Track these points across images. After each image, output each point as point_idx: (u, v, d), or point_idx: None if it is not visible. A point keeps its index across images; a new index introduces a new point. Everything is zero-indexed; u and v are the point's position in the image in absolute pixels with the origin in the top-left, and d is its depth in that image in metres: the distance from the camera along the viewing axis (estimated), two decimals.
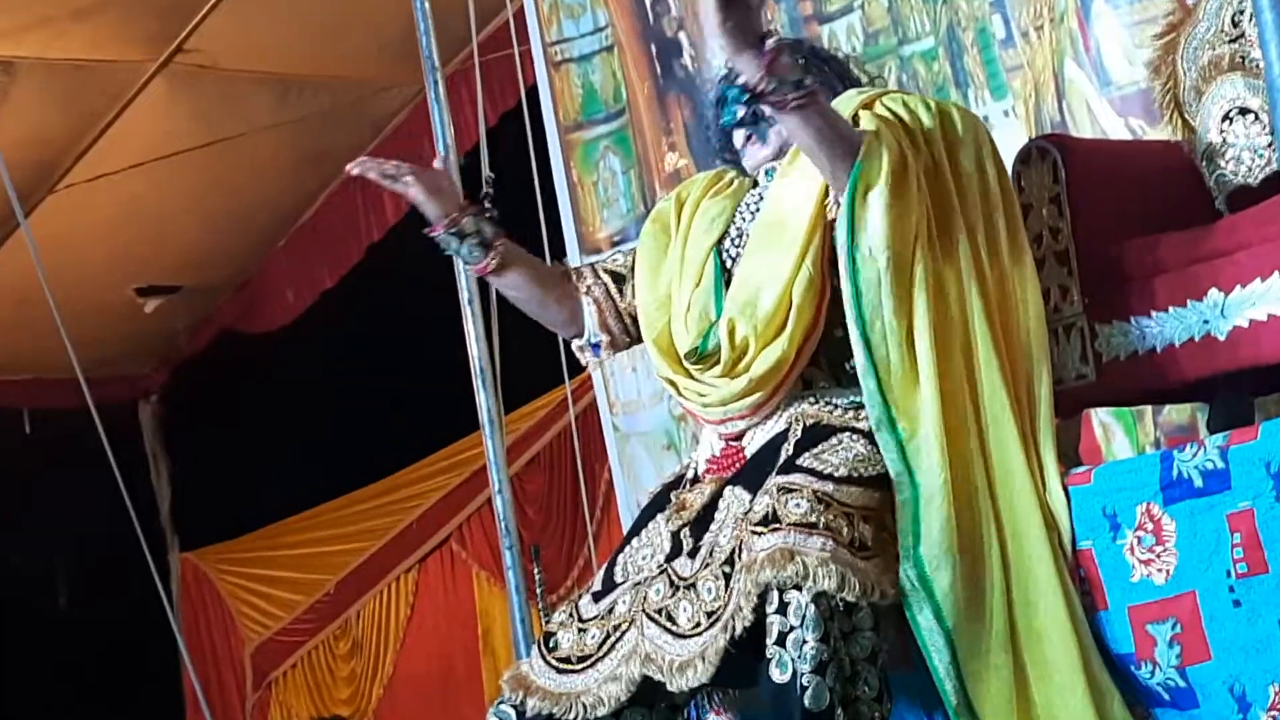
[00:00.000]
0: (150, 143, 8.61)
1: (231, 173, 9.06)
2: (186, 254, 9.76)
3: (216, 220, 9.58)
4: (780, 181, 3.93)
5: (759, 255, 3.86)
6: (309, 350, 9.91)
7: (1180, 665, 3.54)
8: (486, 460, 5.58)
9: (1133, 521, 3.60)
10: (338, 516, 10.10)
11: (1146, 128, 4.87)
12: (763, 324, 3.79)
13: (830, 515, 3.55)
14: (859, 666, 3.55)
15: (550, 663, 3.84)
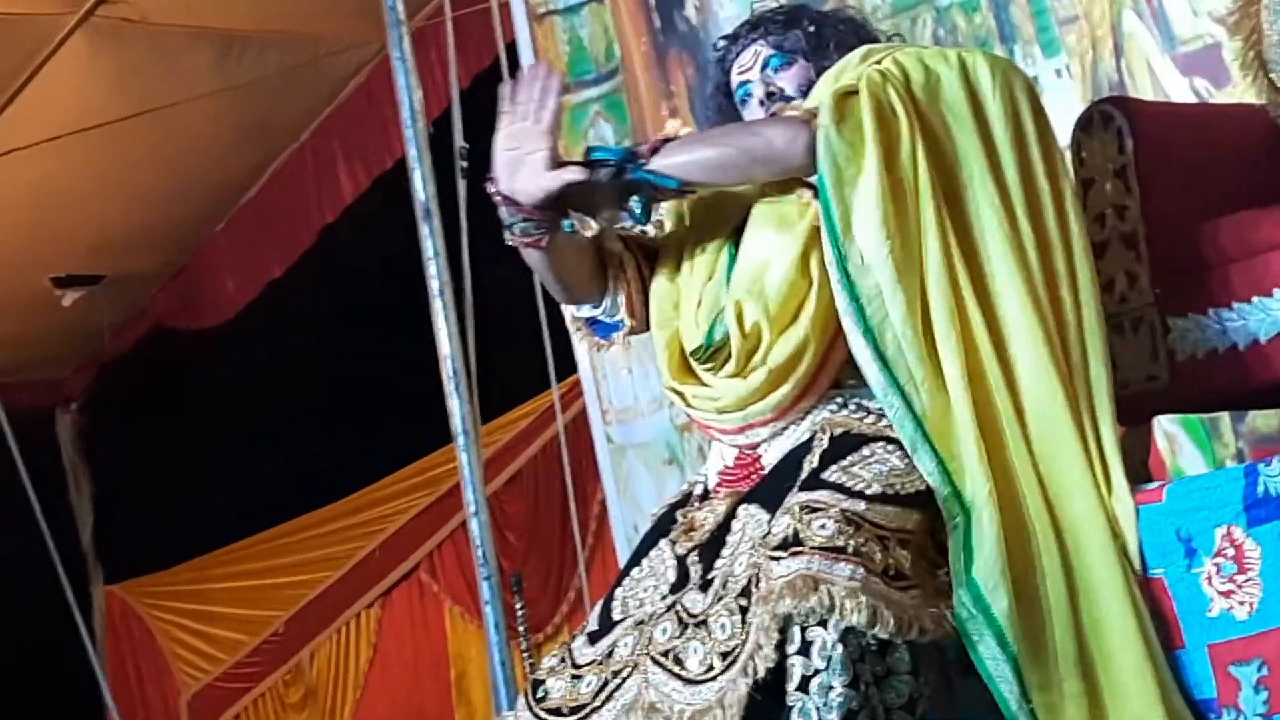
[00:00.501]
0: (69, 111, 8.63)
1: (164, 145, 9.08)
2: (111, 239, 9.77)
3: (146, 200, 9.59)
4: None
5: (763, 230, 3.84)
6: (254, 349, 9.92)
7: (1268, 714, 3.55)
8: (460, 477, 5.60)
9: (1211, 547, 3.61)
10: (288, 543, 10.13)
11: (1213, 89, 4.91)
12: (775, 303, 3.75)
13: (861, 539, 3.54)
14: (894, 716, 3.56)
15: (538, 715, 3.84)
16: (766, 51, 3.98)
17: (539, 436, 8.39)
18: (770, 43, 3.99)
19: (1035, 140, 3.86)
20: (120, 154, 8.99)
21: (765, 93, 3.97)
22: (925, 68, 3.82)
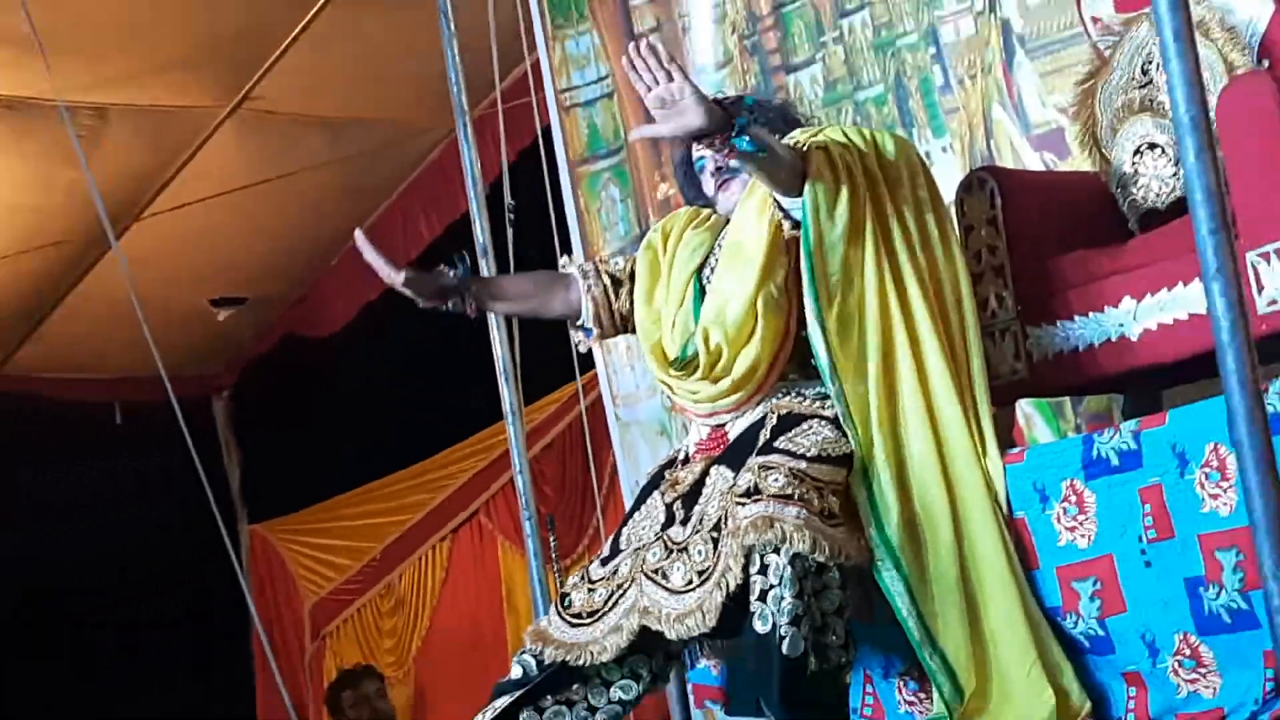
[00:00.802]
0: (222, 176, 8.62)
1: (290, 202, 9.06)
2: (253, 271, 9.76)
3: (278, 242, 9.58)
4: (741, 210, 3.94)
5: (726, 273, 3.87)
6: (356, 352, 9.92)
7: (1100, 617, 3.55)
8: (509, 446, 5.59)
9: (1059, 494, 3.61)
10: (383, 493, 10.09)
11: (1057, 161, 4.90)
12: (733, 330, 3.79)
13: (804, 488, 3.56)
14: (828, 619, 3.56)
15: (565, 618, 3.86)
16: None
17: (566, 416, 8.37)
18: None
19: (927, 196, 3.88)
20: (259, 210, 8.98)
21: (715, 167, 4.00)
22: (851, 140, 3.84)
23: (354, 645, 10.31)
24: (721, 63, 5.98)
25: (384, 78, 8.23)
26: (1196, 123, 2.70)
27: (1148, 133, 4.12)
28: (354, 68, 8.16)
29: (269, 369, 10.68)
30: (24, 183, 8.21)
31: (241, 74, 8.03)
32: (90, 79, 7.59)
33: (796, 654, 3.49)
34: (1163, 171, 4.07)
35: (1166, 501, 3.41)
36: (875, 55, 5.55)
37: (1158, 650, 3.47)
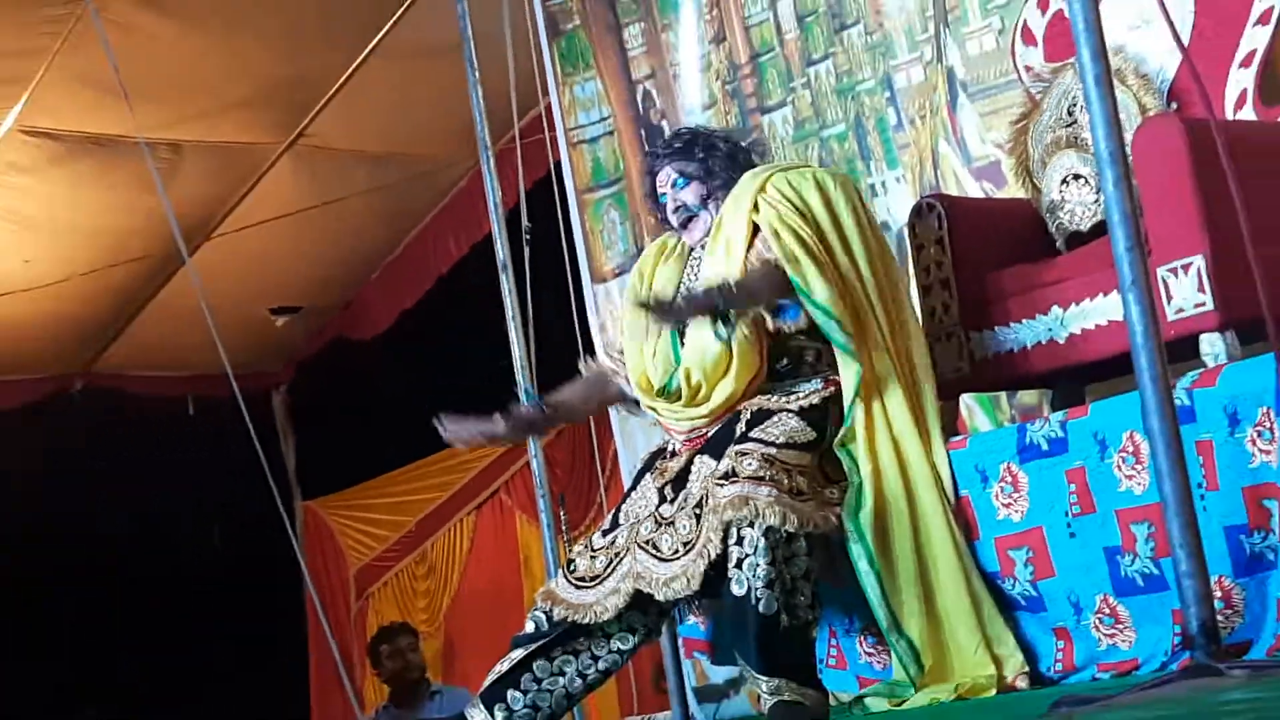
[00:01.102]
0: (280, 202, 8.61)
1: (338, 225, 9.04)
2: (306, 283, 9.75)
3: (327, 259, 9.57)
4: (709, 260, 3.93)
5: (701, 320, 3.84)
6: (395, 352, 9.91)
7: (1033, 580, 3.56)
8: None
9: (997, 475, 3.62)
10: (418, 474, 10.07)
11: (995, 189, 4.89)
12: (711, 370, 3.80)
13: (774, 470, 3.57)
14: (797, 583, 3.57)
15: (571, 581, 3.87)
16: (674, 175, 4.02)
17: None
18: (675, 167, 4.02)
19: (867, 223, 3.91)
20: (311, 231, 8.97)
21: (674, 206, 4.01)
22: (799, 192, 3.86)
23: (392, 605, 10.31)
24: (707, 104, 5.98)
25: (418, 118, 8.24)
26: (1115, 156, 2.70)
27: (1073, 165, 4.12)
28: (392, 109, 8.16)
29: (319, 368, 10.67)
30: (110, 208, 8.20)
31: (297, 114, 8.03)
32: (167, 118, 7.59)
33: (770, 612, 3.50)
34: (1085, 199, 4.07)
35: (1089, 481, 3.42)
36: (838, 98, 5.54)
37: (1081, 609, 3.47)
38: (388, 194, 8.85)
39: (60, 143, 7.69)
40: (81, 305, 9.06)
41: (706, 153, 3.99)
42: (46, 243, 8.37)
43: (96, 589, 9.69)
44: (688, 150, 4.01)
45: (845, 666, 3.98)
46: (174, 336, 9.20)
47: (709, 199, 3.98)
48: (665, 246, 4.14)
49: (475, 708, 3.91)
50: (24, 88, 7.16)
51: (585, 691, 3.92)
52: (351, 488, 10.68)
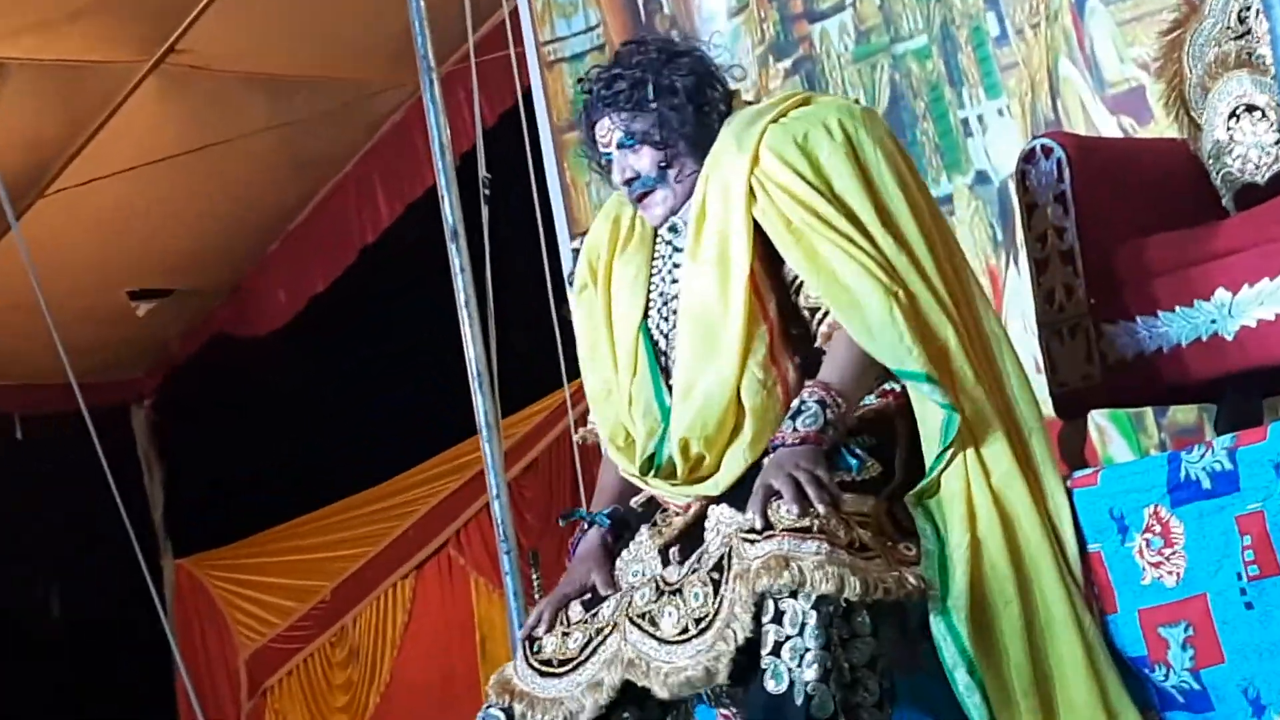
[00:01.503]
0: (142, 145, 8.62)
1: (224, 176, 9.07)
2: (179, 257, 9.76)
3: (209, 223, 9.59)
4: (692, 266, 3.79)
5: (696, 364, 3.75)
6: (303, 353, 9.93)
7: (1194, 669, 3.54)
8: (484, 465, 5.57)
9: (1141, 524, 3.59)
10: (334, 522, 10.11)
11: (1137, 126, 4.90)
12: (715, 434, 3.71)
13: (826, 518, 3.53)
14: (859, 673, 3.53)
15: (533, 665, 3.83)
16: (618, 132, 3.83)
17: (553, 429, 8.37)
18: (620, 121, 3.83)
19: (915, 185, 3.85)
20: (187, 184, 8.98)
21: (623, 176, 3.86)
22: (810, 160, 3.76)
23: (299, 703, 10.34)
24: (735, 9, 5.98)
25: (336, 28, 8.26)
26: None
27: (1245, 92, 4.11)
28: (300, 16, 8.17)
29: (198, 373, 10.69)
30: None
31: (165, 23, 8.04)
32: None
33: (825, 716, 3.48)
34: (1264, 139, 4.06)
35: (1270, 531, 3.40)
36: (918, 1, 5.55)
37: (1264, 707, 3.46)
38: (292, 133, 8.88)
39: None
40: None
41: (661, 97, 3.85)
42: None
43: None
44: (636, 94, 3.88)
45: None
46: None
47: (669, 165, 3.86)
48: (618, 224, 4.00)
49: None
50: None
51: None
52: (241, 541, 10.71)
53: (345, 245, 9.56)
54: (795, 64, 5.81)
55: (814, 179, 3.71)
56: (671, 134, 3.81)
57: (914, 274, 3.71)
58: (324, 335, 9.73)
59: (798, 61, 5.81)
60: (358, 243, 9.49)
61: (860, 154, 3.76)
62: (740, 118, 3.85)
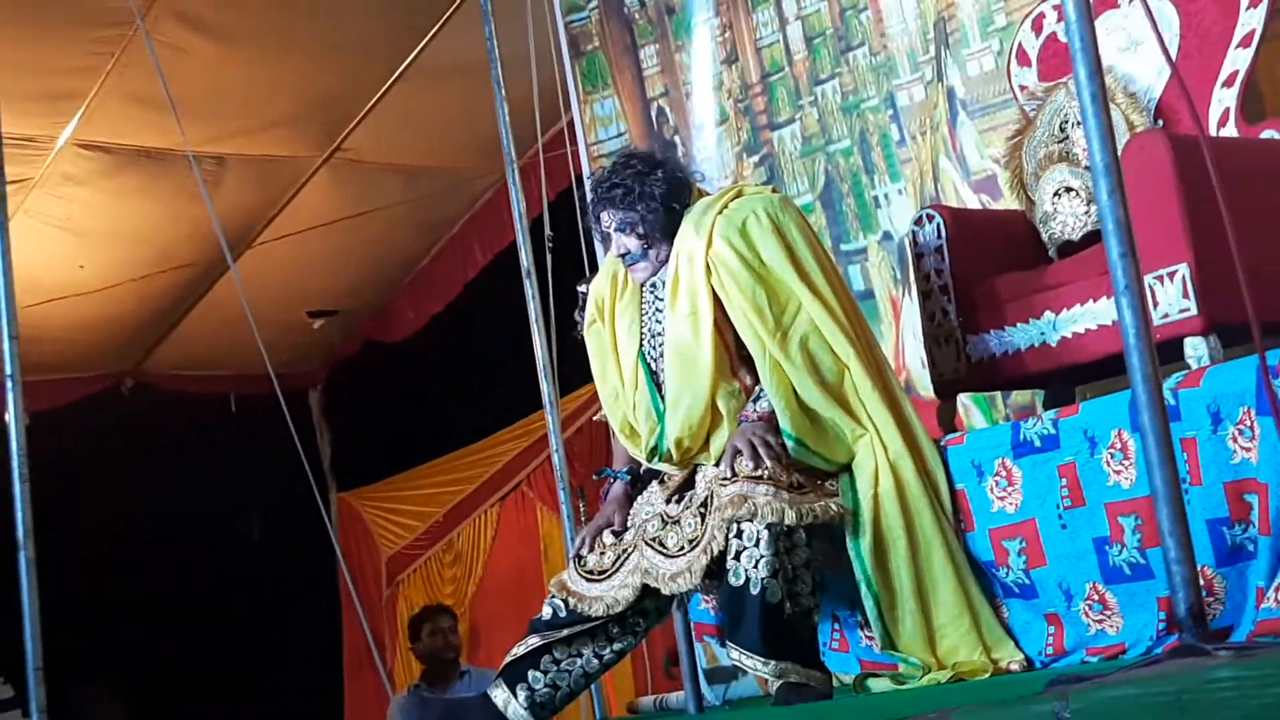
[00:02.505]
0: (317, 213, 8.63)
1: (372, 234, 9.07)
2: (341, 289, 9.77)
3: (362, 266, 9.59)
4: (673, 317, 3.81)
5: (681, 385, 3.76)
6: (425, 354, 9.93)
7: (1026, 568, 3.54)
8: (547, 429, 5.57)
9: (992, 470, 3.60)
10: (446, 467, 10.09)
11: (991, 201, 4.88)
12: (698, 432, 3.74)
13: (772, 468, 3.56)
14: (799, 572, 3.55)
15: (581, 574, 3.86)
16: (615, 221, 3.87)
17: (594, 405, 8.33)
18: (615, 214, 3.86)
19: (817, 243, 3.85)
20: (347, 240, 8.99)
21: (620, 250, 3.88)
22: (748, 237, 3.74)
23: (421, 591, 10.31)
24: (719, 121, 5.98)
25: (448, 133, 8.24)
26: (1109, 167, 2.69)
27: (1064, 179, 4.10)
28: (424, 125, 8.16)
29: (353, 368, 10.69)
30: (159, 217, 8.23)
31: (334, 130, 8.05)
32: (212, 133, 7.60)
33: (775, 600, 3.49)
34: (1076, 210, 4.05)
35: (1079, 476, 3.40)
36: (844, 115, 5.54)
37: (1072, 596, 3.46)
38: (419, 205, 8.87)
39: (113, 155, 7.70)
40: (131, 308, 9.08)
41: (643, 203, 3.85)
42: (99, 250, 8.39)
43: (140, 575, 9.71)
44: (625, 202, 3.85)
45: (847, 649, 3.97)
46: (217, 338, 9.23)
47: (650, 247, 3.86)
48: (616, 278, 4.00)
49: (498, 687, 3.90)
50: (79, 104, 7.17)
51: (601, 670, 3.91)
52: (383, 480, 10.69)
53: (454, 280, 9.55)
54: (761, 159, 5.80)
55: (749, 255, 3.74)
56: (650, 228, 3.85)
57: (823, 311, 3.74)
58: (439, 341, 9.73)
59: (763, 157, 5.80)
60: (462, 279, 9.48)
61: (782, 229, 3.79)
62: (697, 208, 3.87)
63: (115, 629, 9.51)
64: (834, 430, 3.66)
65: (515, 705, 3.85)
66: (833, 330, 3.71)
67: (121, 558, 9.58)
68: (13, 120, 5.16)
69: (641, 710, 6.20)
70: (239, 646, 9.82)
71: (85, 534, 9.27)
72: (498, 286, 8.21)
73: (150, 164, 7.77)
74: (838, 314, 3.72)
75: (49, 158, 7.49)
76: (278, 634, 10.03)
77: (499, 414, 9.43)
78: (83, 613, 9.44)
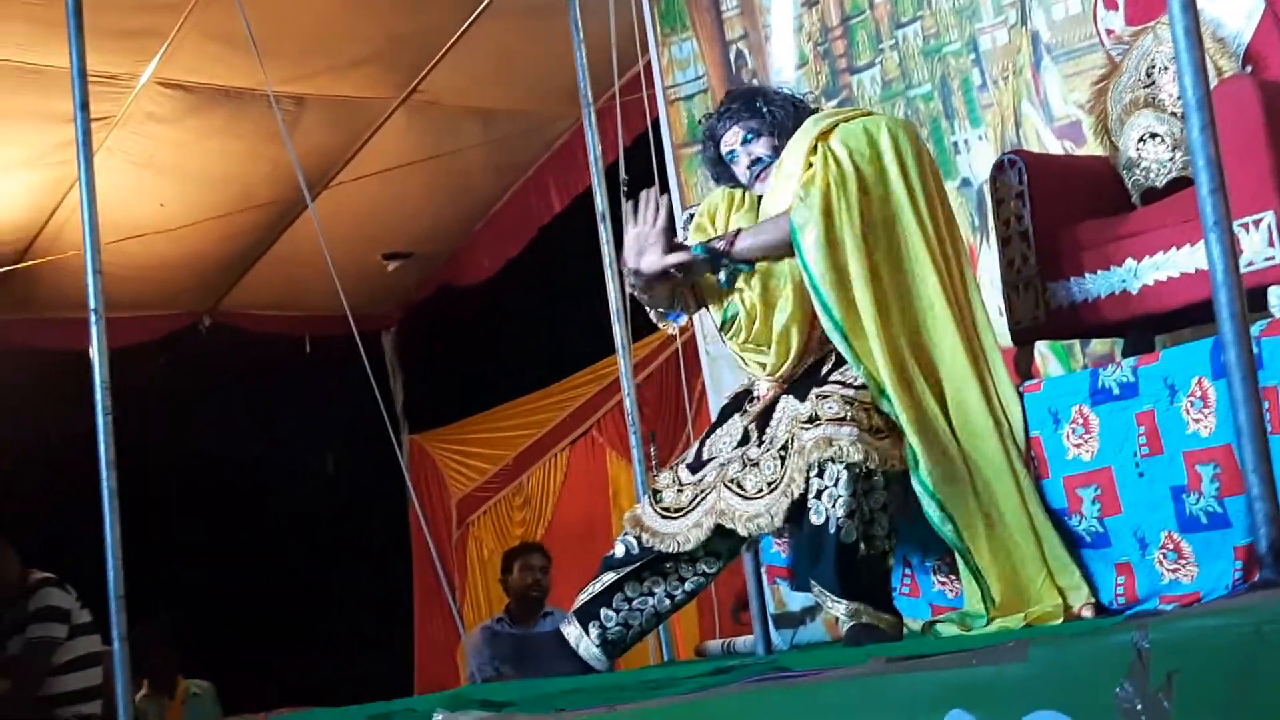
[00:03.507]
0: (394, 154, 8.66)
1: (448, 176, 9.09)
2: (416, 231, 9.82)
3: (438, 209, 9.63)
4: (768, 198, 3.85)
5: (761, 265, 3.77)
6: (499, 298, 9.96)
7: (1100, 516, 3.52)
8: (620, 374, 5.59)
9: (1069, 417, 3.57)
10: (517, 410, 10.14)
11: (1075, 147, 4.83)
12: (762, 291, 3.74)
13: (855, 410, 3.55)
14: (875, 515, 3.56)
15: (657, 511, 3.87)
16: (742, 131, 3.88)
17: (665, 351, 8.36)
18: (742, 125, 3.89)
19: (931, 172, 3.82)
20: (423, 182, 9.02)
21: (748, 161, 3.89)
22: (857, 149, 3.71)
23: (491, 533, 10.39)
24: (798, 65, 5.94)
25: (525, 75, 8.24)
26: (1201, 103, 2.67)
27: (1149, 124, 4.05)
28: (501, 67, 8.16)
29: (427, 311, 10.75)
30: (238, 156, 8.29)
31: (412, 71, 8.06)
32: (292, 73, 7.64)
33: (850, 541, 3.49)
34: (1161, 156, 4.00)
35: (1158, 424, 3.38)
36: (925, 60, 5.49)
37: (1146, 544, 3.44)
38: (495, 147, 8.88)
39: (193, 94, 7.77)
40: (210, 247, 9.17)
41: (769, 105, 3.88)
42: (179, 188, 8.47)
43: (215, 510, 9.83)
44: (750, 106, 3.88)
45: (918, 594, 3.96)
46: (294, 279, 9.31)
47: (780, 148, 3.89)
48: (733, 197, 4.00)
49: (570, 624, 3.92)
50: (161, 42, 7.23)
51: (673, 610, 3.93)
52: (455, 423, 10.76)
53: (529, 224, 9.57)
54: (841, 103, 5.76)
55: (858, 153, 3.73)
56: (778, 126, 3.85)
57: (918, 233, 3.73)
58: (514, 285, 9.76)
59: (842, 101, 5.75)
60: (537, 223, 9.49)
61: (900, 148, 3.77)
62: (821, 114, 3.88)
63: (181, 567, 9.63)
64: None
65: (587, 642, 3.87)
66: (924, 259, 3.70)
67: (192, 495, 9.70)
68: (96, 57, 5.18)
69: (709, 654, 6.22)
70: (309, 586, 9.94)
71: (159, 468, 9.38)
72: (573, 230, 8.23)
73: (230, 103, 7.82)
74: (931, 240, 3.71)
75: (131, 96, 7.56)
76: (348, 574, 10.14)
77: (571, 358, 9.46)
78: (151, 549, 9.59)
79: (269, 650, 9.43)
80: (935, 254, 3.70)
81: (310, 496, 10.26)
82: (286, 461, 10.07)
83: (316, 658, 9.43)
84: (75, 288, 5.09)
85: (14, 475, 8.65)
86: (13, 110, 7.44)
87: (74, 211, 6.26)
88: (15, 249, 8.65)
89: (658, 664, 5.46)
